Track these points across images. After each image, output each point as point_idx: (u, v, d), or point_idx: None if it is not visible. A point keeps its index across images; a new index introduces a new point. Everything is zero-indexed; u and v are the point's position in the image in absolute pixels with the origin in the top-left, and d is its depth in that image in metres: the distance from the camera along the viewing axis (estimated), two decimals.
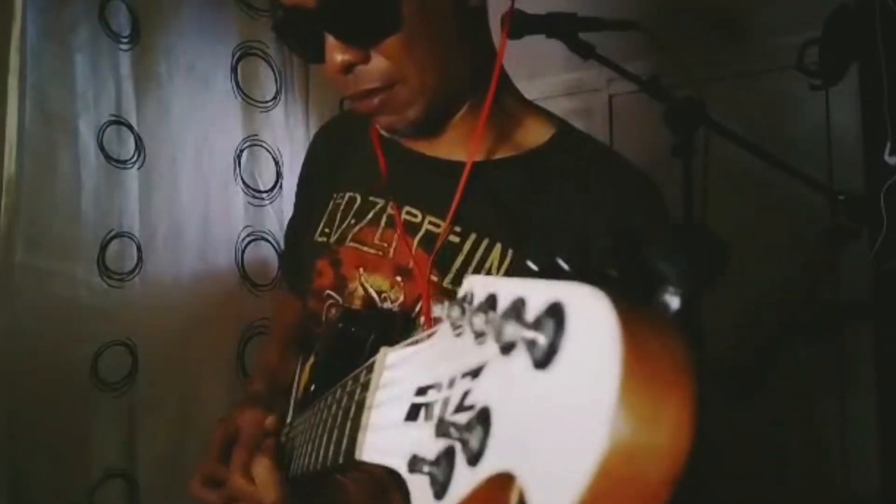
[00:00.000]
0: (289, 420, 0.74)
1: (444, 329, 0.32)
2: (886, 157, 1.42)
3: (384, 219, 0.79)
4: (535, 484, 0.21)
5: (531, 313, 0.24)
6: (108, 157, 1.32)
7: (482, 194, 0.74)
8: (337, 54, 0.66)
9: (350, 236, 0.81)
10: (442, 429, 0.26)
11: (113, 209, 1.33)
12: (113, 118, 1.34)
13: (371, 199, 0.81)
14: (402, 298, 0.75)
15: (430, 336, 0.35)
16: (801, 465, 1.78)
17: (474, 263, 0.72)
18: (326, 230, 0.85)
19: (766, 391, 1.66)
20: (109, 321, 1.31)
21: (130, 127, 1.37)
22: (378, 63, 0.66)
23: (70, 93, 1.27)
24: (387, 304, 0.75)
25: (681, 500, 0.22)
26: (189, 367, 1.42)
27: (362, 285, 0.78)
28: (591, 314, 0.21)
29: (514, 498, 0.23)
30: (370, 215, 0.80)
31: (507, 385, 0.24)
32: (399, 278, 0.75)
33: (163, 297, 1.40)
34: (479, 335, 0.27)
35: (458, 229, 0.73)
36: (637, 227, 0.70)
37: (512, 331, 0.24)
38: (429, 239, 0.74)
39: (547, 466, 0.21)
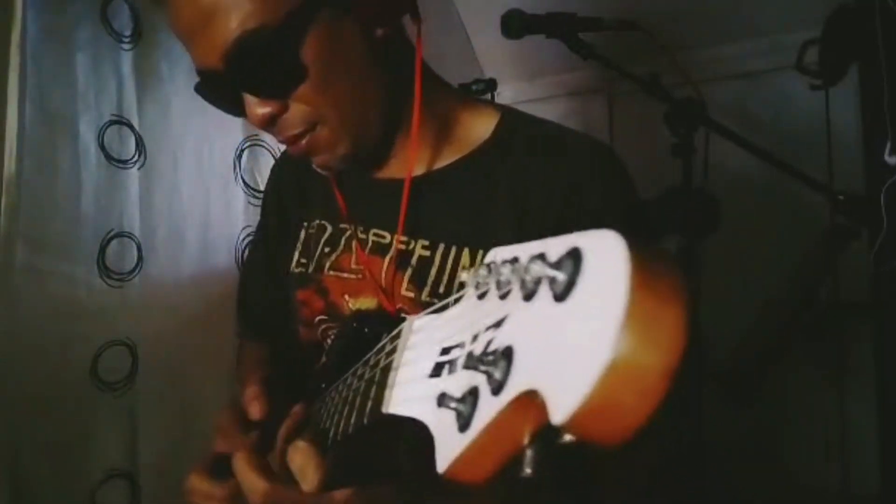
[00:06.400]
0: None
1: (468, 295, 0.36)
2: (886, 157, 1.42)
3: (354, 243, 0.80)
4: (551, 390, 0.25)
5: (553, 258, 0.28)
6: (108, 157, 1.32)
7: (440, 203, 0.75)
8: (256, 109, 0.67)
9: (328, 264, 0.82)
10: (470, 363, 0.30)
11: (113, 209, 1.33)
12: (114, 118, 1.34)
13: (341, 226, 0.82)
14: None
15: (455, 302, 0.38)
16: (801, 465, 1.78)
17: (448, 272, 0.73)
18: (303, 260, 0.86)
19: (766, 392, 1.66)
20: (109, 321, 1.31)
21: (131, 127, 1.37)
22: (296, 109, 0.67)
23: (71, 92, 1.27)
24: None
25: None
26: (189, 367, 1.42)
27: (350, 310, 0.80)
28: (605, 248, 0.25)
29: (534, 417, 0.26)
30: (342, 242, 0.82)
31: (530, 323, 0.28)
32: (384, 296, 0.77)
33: (163, 297, 1.40)
34: (503, 293, 0.31)
35: (426, 242, 0.75)
36: (597, 195, 0.71)
37: (537, 269, 0.28)
38: (400, 256, 0.76)
39: (562, 375, 0.24)
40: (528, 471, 0.27)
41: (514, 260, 0.31)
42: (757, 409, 1.68)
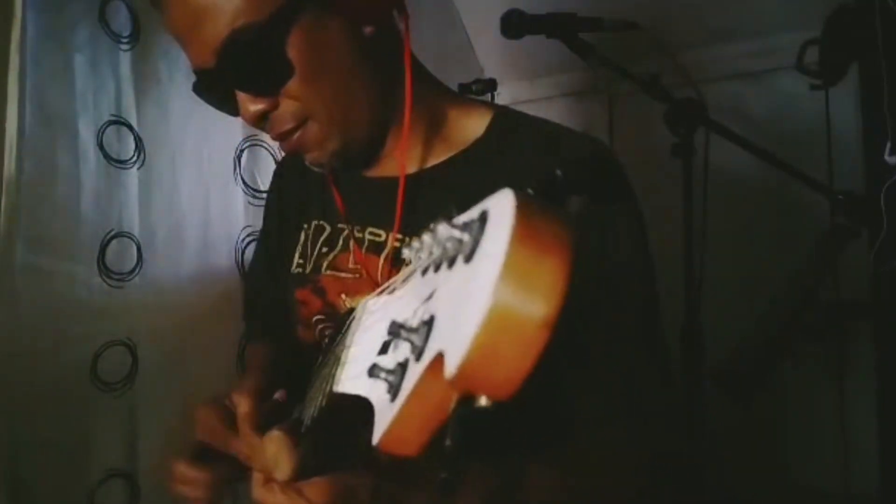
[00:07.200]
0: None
1: (416, 273, 0.37)
2: (886, 157, 1.42)
3: (351, 243, 0.81)
4: (448, 348, 0.25)
5: (463, 222, 0.29)
6: (107, 158, 1.32)
7: (434, 201, 0.76)
8: (248, 105, 0.69)
9: (325, 264, 0.83)
10: (405, 336, 0.30)
11: (113, 209, 1.33)
12: (113, 118, 1.34)
13: (339, 226, 0.83)
14: None
15: (405, 280, 0.39)
16: (801, 465, 1.78)
17: None
18: (301, 261, 0.87)
19: (766, 392, 1.66)
20: (109, 321, 1.31)
21: (130, 127, 1.37)
22: (286, 106, 0.69)
23: (70, 93, 1.27)
24: None
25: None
26: (189, 367, 1.41)
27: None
28: (499, 207, 0.26)
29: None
30: (340, 242, 0.83)
31: (449, 289, 0.29)
32: None
33: (163, 297, 1.40)
34: (437, 265, 0.31)
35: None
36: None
37: (444, 231, 0.29)
38: (396, 254, 0.77)
39: (456, 332, 0.25)
40: (448, 441, 0.27)
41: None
42: (757, 408, 1.68)
